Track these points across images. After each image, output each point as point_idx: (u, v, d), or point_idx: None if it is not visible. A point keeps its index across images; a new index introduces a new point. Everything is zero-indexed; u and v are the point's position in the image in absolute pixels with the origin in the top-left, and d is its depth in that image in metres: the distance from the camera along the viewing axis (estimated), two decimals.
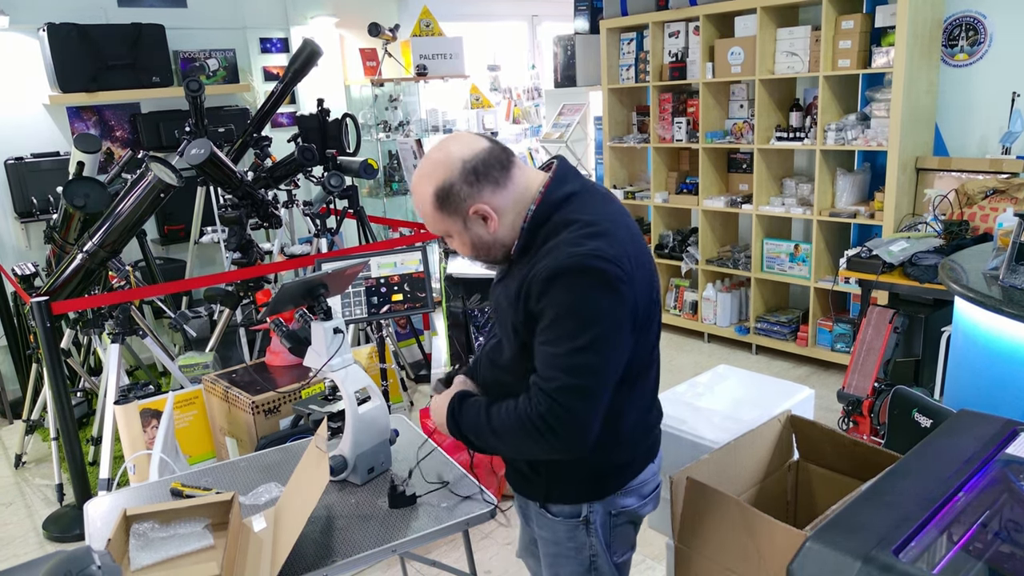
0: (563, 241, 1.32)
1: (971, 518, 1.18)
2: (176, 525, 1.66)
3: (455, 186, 1.33)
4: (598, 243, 1.30)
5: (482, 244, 1.41)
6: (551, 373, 1.30)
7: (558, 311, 1.29)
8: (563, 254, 1.29)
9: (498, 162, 1.36)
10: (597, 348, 1.29)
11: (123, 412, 2.60)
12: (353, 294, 3.01)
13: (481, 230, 1.39)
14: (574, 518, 1.49)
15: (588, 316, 1.28)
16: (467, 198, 1.34)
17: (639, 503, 1.54)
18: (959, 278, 2.32)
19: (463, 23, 6.23)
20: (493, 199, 1.36)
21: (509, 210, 1.38)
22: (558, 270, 1.28)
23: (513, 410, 1.34)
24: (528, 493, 1.56)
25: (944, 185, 3.79)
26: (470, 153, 1.35)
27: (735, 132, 4.60)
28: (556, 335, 1.29)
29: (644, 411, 1.51)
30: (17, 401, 4.31)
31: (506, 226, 1.39)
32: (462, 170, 1.33)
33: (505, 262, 1.45)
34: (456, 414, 1.46)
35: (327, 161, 3.92)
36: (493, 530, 2.98)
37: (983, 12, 3.77)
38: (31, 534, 3.19)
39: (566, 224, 1.34)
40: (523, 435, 1.33)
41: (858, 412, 3.22)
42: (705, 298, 4.90)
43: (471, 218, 1.37)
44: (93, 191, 3.12)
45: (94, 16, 4.53)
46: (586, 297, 1.28)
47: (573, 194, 1.39)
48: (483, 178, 1.34)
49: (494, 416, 1.38)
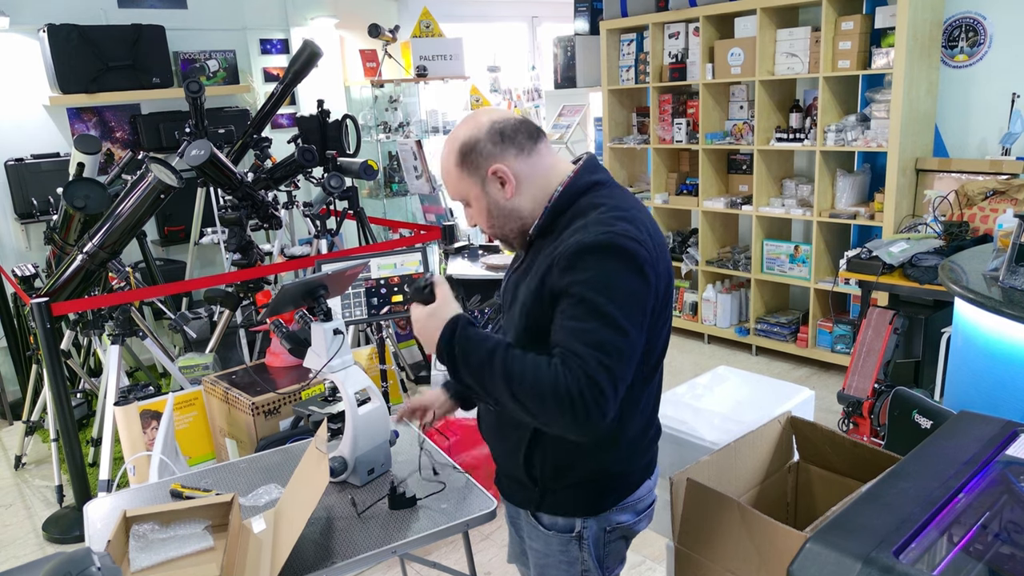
0: (592, 221, 1.31)
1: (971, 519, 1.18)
2: (176, 526, 1.66)
3: (480, 142, 1.35)
4: (627, 226, 1.29)
5: (499, 211, 1.39)
6: (584, 350, 1.22)
7: (588, 287, 1.25)
8: (592, 232, 1.28)
9: (527, 131, 1.38)
10: (627, 329, 1.25)
11: (123, 413, 2.60)
12: (353, 295, 3.01)
13: (498, 194, 1.38)
14: (567, 532, 1.46)
15: (618, 294, 1.25)
16: (489, 156, 1.35)
17: (634, 519, 1.51)
18: (959, 279, 2.32)
19: (463, 24, 6.23)
20: (515, 163, 1.37)
21: (530, 181, 1.38)
22: (588, 246, 1.27)
23: (545, 368, 1.23)
24: (520, 501, 1.52)
25: (944, 186, 3.79)
26: (500, 117, 1.38)
27: (735, 133, 4.60)
28: (584, 310, 1.24)
29: (646, 421, 1.47)
30: (17, 402, 4.31)
31: (525, 197, 1.38)
32: (489, 129, 1.36)
33: (521, 240, 1.43)
34: (455, 339, 1.31)
35: (327, 162, 3.92)
36: (493, 531, 2.97)
37: (983, 13, 3.77)
38: (31, 535, 3.19)
39: (594, 207, 1.35)
40: (549, 400, 1.22)
41: (858, 413, 3.21)
42: (705, 299, 4.90)
43: (489, 178, 1.37)
44: (93, 192, 3.12)
45: (94, 17, 4.53)
46: (617, 275, 1.26)
47: (600, 183, 1.40)
48: (508, 140, 1.36)
49: (515, 365, 1.25)
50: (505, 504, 1.60)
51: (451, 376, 1.36)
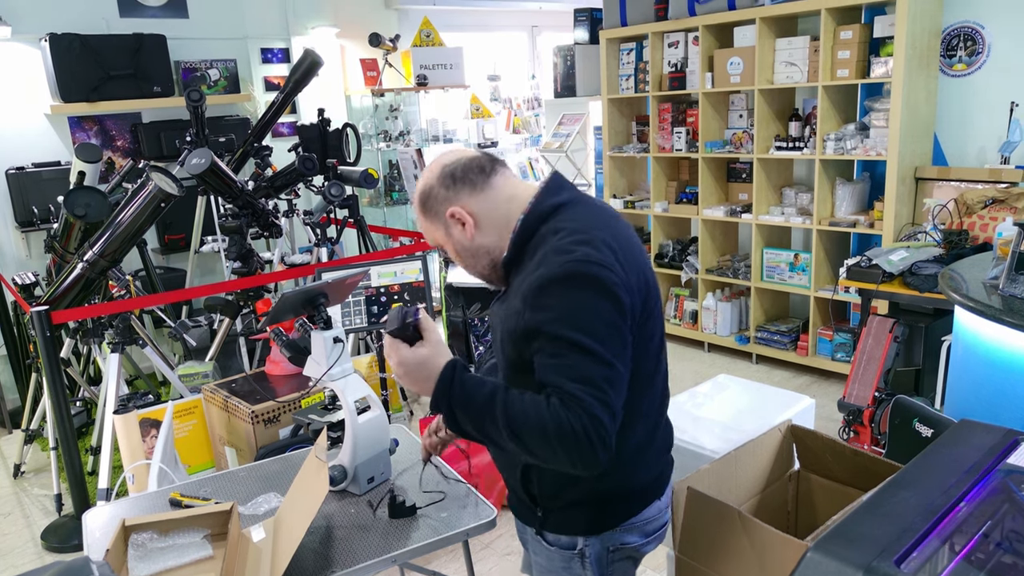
0: (552, 249, 1.28)
1: (973, 528, 1.18)
2: (175, 535, 1.66)
3: (434, 188, 1.37)
4: (587, 249, 1.26)
5: (464, 251, 1.40)
6: (574, 387, 1.20)
7: (559, 324, 1.23)
8: (553, 263, 1.26)
9: (478, 167, 1.37)
10: (608, 358, 1.23)
11: (122, 422, 2.59)
12: (353, 303, 3.01)
13: (460, 235, 1.38)
14: (569, 549, 1.44)
15: (590, 325, 1.22)
16: (444, 201, 1.37)
17: (642, 541, 1.46)
18: (959, 287, 2.32)
19: (463, 33, 6.26)
20: (470, 203, 1.36)
21: (489, 216, 1.37)
22: (551, 278, 1.24)
23: (545, 409, 1.20)
24: (524, 519, 1.52)
25: (943, 195, 3.80)
26: (451, 160, 1.39)
27: (734, 142, 4.61)
28: (563, 347, 1.22)
29: (647, 435, 1.43)
30: (16, 410, 4.31)
31: (488, 233, 1.37)
32: (440, 173, 1.37)
33: (495, 275, 1.42)
34: (453, 390, 1.26)
35: (327, 171, 3.93)
36: (493, 540, 2.97)
37: (981, 22, 3.79)
38: (29, 544, 3.18)
39: (555, 232, 1.31)
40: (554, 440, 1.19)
41: (859, 422, 3.21)
42: (705, 307, 4.90)
43: (449, 222, 1.38)
44: (94, 200, 3.13)
45: (96, 26, 4.55)
46: (585, 304, 1.23)
47: (562, 204, 1.36)
48: (460, 182, 1.36)
49: (515, 407, 1.22)
50: (515, 518, 1.60)
51: (446, 425, 1.30)
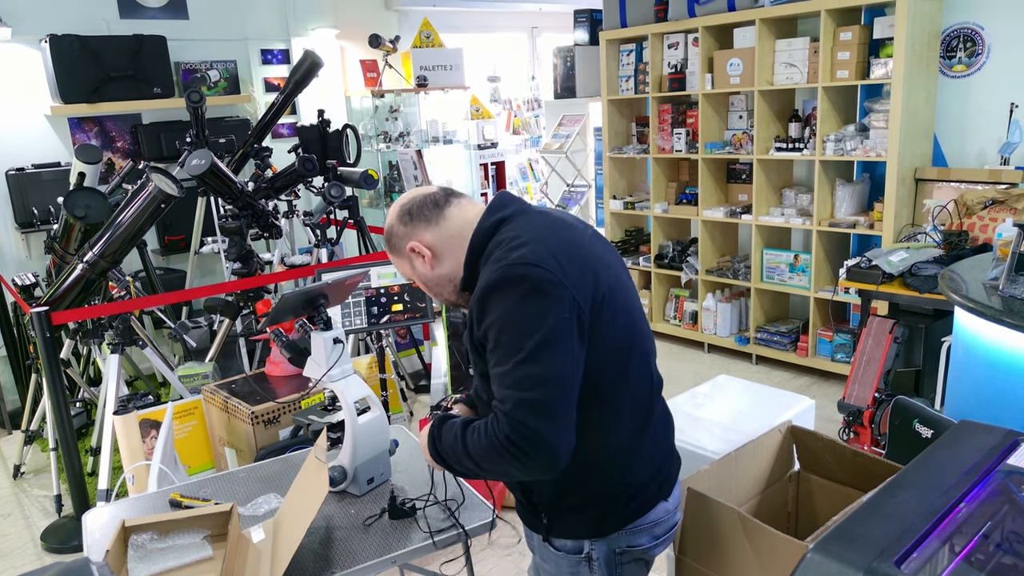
0: (491, 261, 1.34)
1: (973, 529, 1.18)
2: (175, 536, 1.66)
3: (394, 227, 1.46)
4: (519, 252, 1.29)
5: (429, 281, 1.47)
6: (504, 392, 1.26)
7: (496, 328, 1.28)
8: (488, 272, 1.31)
9: (432, 202, 1.44)
10: (541, 356, 1.24)
11: (122, 422, 2.59)
12: (353, 304, 3.01)
13: (423, 268, 1.45)
14: (576, 554, 1.44)
15: (525, 325, 1.25)
16: (403, 237, 1.44)
17: (650, 543, 1.46)
18: (959, 288, 2.32)
19: (463, 35, 6.26)
20: (425, 236, 1.43)
21: (446, 246, 1.43)
22: (486, 288, 1.29)
23: (484, 433, 1.29)
24: (531, 525, 1.52)
25: (943, 195, 3.80)
26: (408, 198, 1.46)
27: (734, 143, 4.62)
28: (501, 354, 1.27)
29: (635, 429, 1.41)
30: (16, 411, 4.30)
31: (447, 262, 1.43)
32: (398, 212, 1.45)
33: (461, 299, 1.46)
34: (436, 437, 1.41)
35: (327, 172, 3.93)
36: (494, 540, 2.96)
37: (981, 23, 3.79)
38: (29, 545, 3.17)
39: (497, 246, 1.36)
40: (496, 457, 1.28)
41: (859, 422, 3.21)
42: (705, 308, 4.90)
43: (411, 256, 1.45)
44: (94, 202, 3.13)
45: (96, 27, 4.55)
46: (518, 307, 1.26)
47: (504, 219, 1.40)
48: (416, 218, 1.43)
49: (469, 442, 1.33)
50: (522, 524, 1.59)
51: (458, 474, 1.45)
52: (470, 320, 1.35)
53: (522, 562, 2.82)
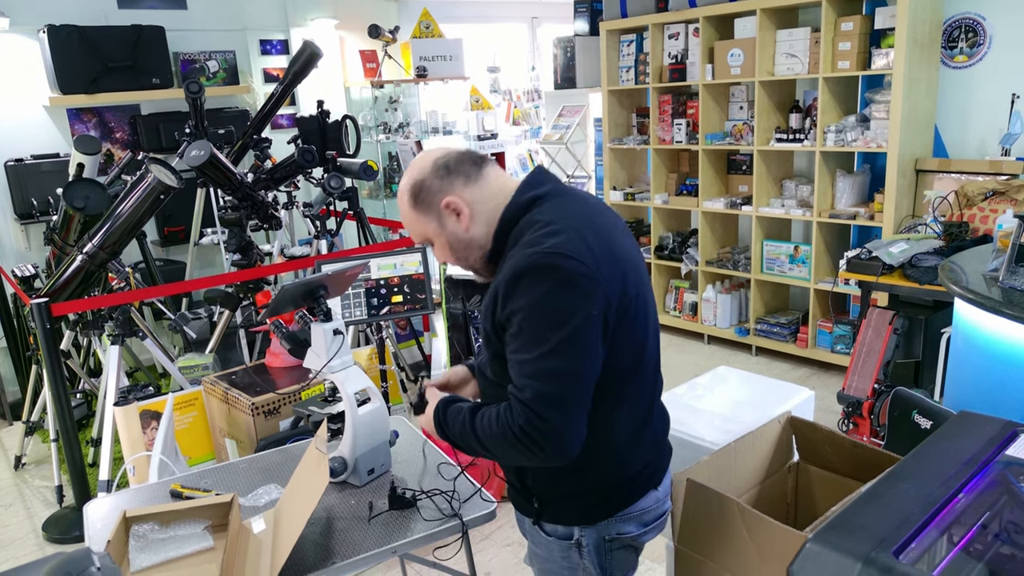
0: (524, 243, 1.31)
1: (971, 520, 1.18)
2: (176, 527, 1.66)
3: (427, 180, 1.38)
4: (556, 240, 1.27)
5: (458, 243, 1.41)
6: (523, 381, 1.26)
7: (522, 315, 1.26)
8: (522, 255, 1.27)
9: (470, 159, 1.40)
10: (566, 351, 1.24)
11: (123, 413, 2.60)
12: (353, 296, 3.01)
13: (455, 226, 1.39)
14: (567, 539, 1.46)
15: (553, 317, 1.24)
16: (438, 192, 1.37)
17: (639, 530, 1.47)
18: (959, 280, 2.32)
19: (463, 25, 6.23)
20: (464, 192, 1.38)
21: (481, 208, 1.38)
22: (517, 272, 1.26)
23: (495, 420, 1.30)
24: (521, 509, 1.53)
25: (944, 187, 3.80)
26: (442, 153, 1.40)
27: (735, 134, 4.60)
28: (524, 341, 1.26)
29: (638, 425, 1.43)
30: (17, 403, 4.31)
31: (480, 224, 1.39)
32: (433, 167, 1.38)
33: (486, 269, 1.44)
34: (442, 422, 1.42)
35: (327, 163, 3.92)
36: (493, 531, 2.97)
37: (982, 14, 3.77)
38: (31, 536, 3.19)
39: (530, 226, 1.33)
40: (507, 445, 1.29)
41: (858, 414, 3.21)
42: (705, 299, 4.90)
43: (444, 212, 1.38)
44: (93, 193, 3.12)
45: (94, 18, 4.53)
46: (548, 297, 1.24)
47: (540, 197, 1.37)
48: (454, 172, 1.38)
49: (478, 425, 1.34)
50: (513, 509, 1.61)
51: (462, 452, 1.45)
52: (493, 300, 1.32)
53: (521, 552, 2.83)
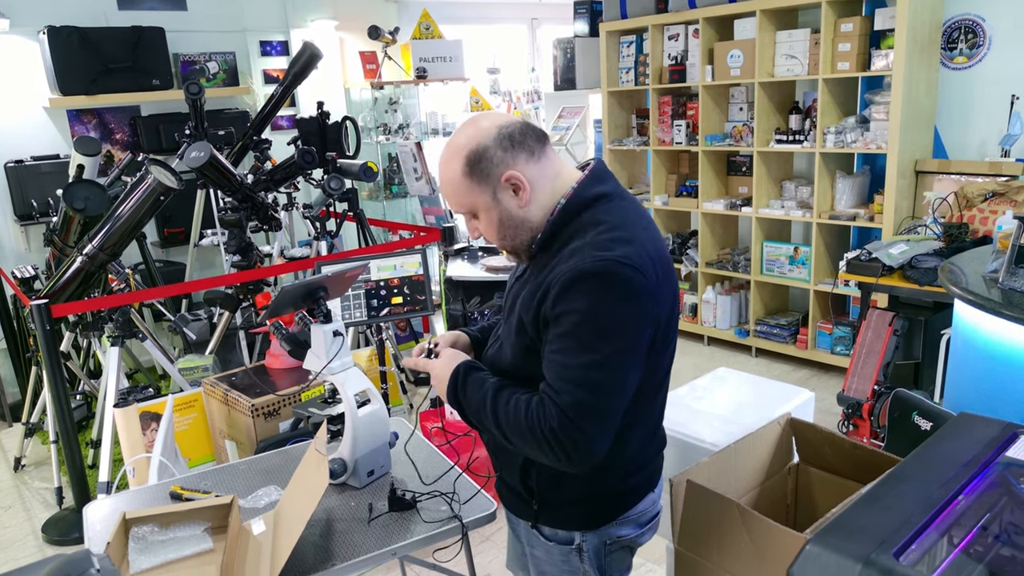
0: (589, 243, 1.24)
1: (971, 521, 1.18)
2: (175, 528, 1.66)
3: (489, 149, 1.27)
4: (626, 249, 1.22)
5: (511, 221, 1.32)
6: (562, 385, 1.22)
7: (577, 318, 1.21)
8: (588, 257, 1.21)
9: (534, 134, 1.31)
10: (615, 365, 1.21)
11: (122, 415, 2.60)
12: (353, 297, 3.01)
13: (511, 203, 1.30)
14: (567, 544, 1.44)
15: (609, 328, 1.20)
16: (500, 163, 1.28)
17: (636, 532, 1.47)
18: (959, 281, 2.32)
19: (463, 26, 6.23)
20: (527, 168, 1.29)
21: (540, 187, 1.31)
22: (582, 273, 1.20)
23: (524, 412, 1.26)
24: (518, 512, 1.51)
25: (943, 188, 3.80)
26: (505, 121, 1.30)
27: (735, 135, 4.61)
28: (572, 344, 1.21)
29: (647, 438, 1.44)
30: (17, 404, 4.31)
31: (536, 205, 1.31)
32: (497, 135, 1.28)
33: (528, 252, 1.36)
34: (460, 386, 1.37)
35: (327, 164, 3.92)
36: (493, 533, 2.97)
37: (982, 15, 3.77)
38: (30, 537, 3.18)
39: (594, 224, 1.27)
40: (529, 439, 1.25)
41: (858, 415, 3.21)
42: (705, 301, 4.90)
43: (502, 186, 1.29)
44: (93, 194, 3.12)
45: (94, 19, 4.54)
46: (609, 307, 1.20)
47: (605, 195, 1.32)
48: (519, 145, 1.28)
49: (501, 408, 1.29)
50: (505, 511, 1.60)
51: (461, 418, 1.40)
52: (543, 292, 1.26)
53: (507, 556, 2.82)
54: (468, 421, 1.39)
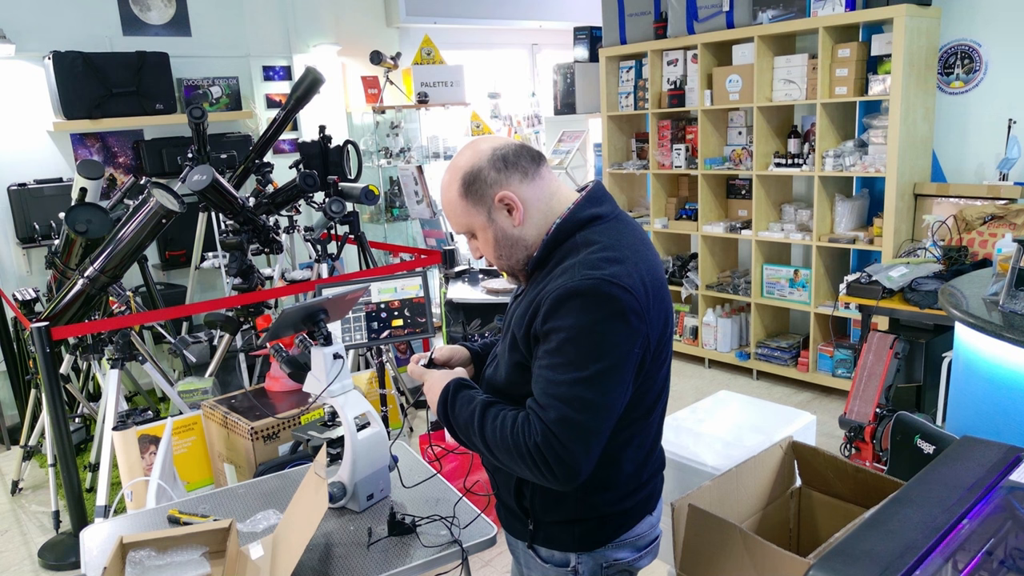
0: (580, 262, 1.27)
1: (976, 546, 1.17)
2: (173, 553, 1.65)
3: (483, 171, 1.32)
4: (615, 269, 1.24)
5: (506, 240, 1.36)
6: (549, 402, 1.23)
7: (565, 335, 1.23)
8: (578, 275, 1.24)
9: (529, 155, 1.35)
10: (601, 383, 1.22)
11: (121, 438, 2.58)
12: (353, 319, 3.01)
13: (506, 222, 1.35)
14: (563, 567, 1.44)
15: (597, 346, 1.22)
16: (493, 184, 1.32)
17: (634, 556, 1.46)
18: (959, 304, 2.32)
19: (464, 51, 6.30)
20: (520, 189, 1.33)
21: (535, 207, 1.34)
22: (570, 291, 1.23)
23: (509, 428, 1.27)
24: (515, 532, 1.51)
25: (942, 211, 3.81)
26: (501, 143, 1.35)
27: (734, 158, 4.63)
28: (559, 361, 1.23)
29: (643, 459, 1.43)
30: (15, 427, 4.29)
31: (531, 224, 1.35)
32: (491, 156, 1.33)
33: (524, 272, 1.40)
34: (450, 401, 1.39)
35: (328, 187, 3.94)
36: (493, 557, 2.94)
37: (978, 40, 3.81)
38: (26, 562, 3.15)
39: (587, 244, 1.30)
40: (514, 455, 1.26)
41: (860, 438, 3.20)
42: (705, 323, 4.89)
43: (496, 207, 1.33)
44: (95, 217, 3.13)
45: (99, 44, 4.59)
46: (598, 325, 1.22)
47: (600, 217, 1.35)
48: (512, 166, 1.33)
49: (487, 425, 1.31)
50: (505, 534, 1.59)
51: (452, 436, 1.40)
52: (534, 309, 1.29)
53: None
54: (456, 438, 1.39)
